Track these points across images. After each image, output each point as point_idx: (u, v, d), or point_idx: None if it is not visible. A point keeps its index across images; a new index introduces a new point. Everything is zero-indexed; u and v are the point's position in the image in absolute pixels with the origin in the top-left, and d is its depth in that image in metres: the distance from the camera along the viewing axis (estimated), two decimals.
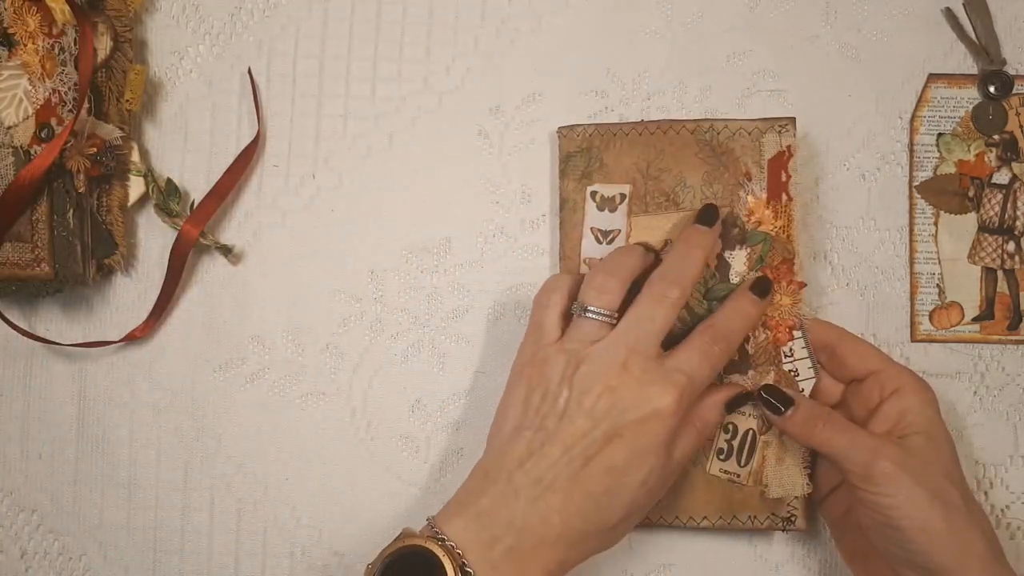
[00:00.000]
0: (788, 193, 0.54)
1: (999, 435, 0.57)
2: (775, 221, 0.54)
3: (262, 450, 0.58)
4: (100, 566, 0.58)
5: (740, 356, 0.54)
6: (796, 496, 0.53)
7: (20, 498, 0.58)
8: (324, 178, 0.59)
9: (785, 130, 0.55)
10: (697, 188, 0.55)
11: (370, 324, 0.58)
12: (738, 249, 0.54)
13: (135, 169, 0.58)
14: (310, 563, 0.58)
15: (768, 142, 0.55)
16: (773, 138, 0.55)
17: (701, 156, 0.56)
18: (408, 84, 0.59)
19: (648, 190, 0.56)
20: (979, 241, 0.57)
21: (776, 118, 0.55)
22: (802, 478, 0.53)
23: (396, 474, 0.58)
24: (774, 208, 0.54)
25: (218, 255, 0.59)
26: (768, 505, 0.54)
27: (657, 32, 0.59)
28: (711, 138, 0.55)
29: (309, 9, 0.60)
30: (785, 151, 0.54)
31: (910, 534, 0.47)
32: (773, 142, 0.55)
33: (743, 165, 0.55)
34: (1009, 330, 0.57)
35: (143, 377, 0.59)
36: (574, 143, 0.57)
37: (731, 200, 0.55)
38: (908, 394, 0.51)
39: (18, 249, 0.54)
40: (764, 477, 0.53)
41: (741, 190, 0.55)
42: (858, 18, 0.59)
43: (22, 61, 0.54)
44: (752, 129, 0.55)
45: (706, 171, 0.55)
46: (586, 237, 0.57)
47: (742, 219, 0.55)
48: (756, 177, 0.55)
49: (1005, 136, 0.58)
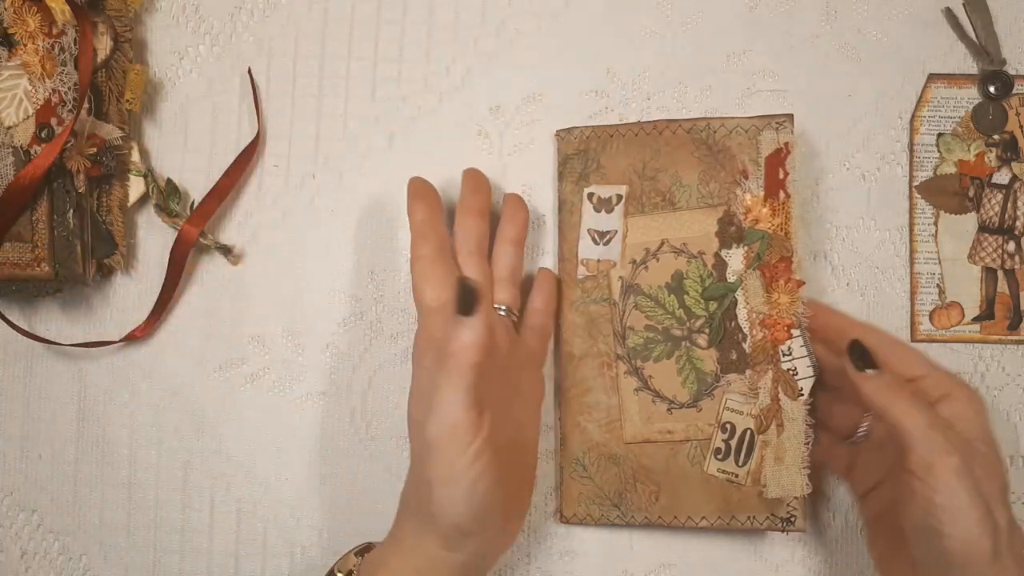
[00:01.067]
0: (786, 190, 0.54)
1: (999, 435, 0.56)
2: (773, 219, 0.54)
3: (262, 450, 0.58)
4: (100, 566, 0.58)
5: (738, 355, 0.53)
6: (795, 496, 0.53)
7: (20, 498, 0.58)
8: (324, 178, 0.59)
9: (782, 127, 0.54)
10: (693, 187, 0.55)
11: (370, 324, 0.58)
12: (735, 247, 0.54)
13: (135, 169, 0.58)
14: (310, 563, 0.58)
15: (765, 139, 0.54)
16: (770, 135, 0.54)
17: (697, 155, 0.55)
18: (408, 84, 0.59)
19: (644, 190, 0.56)
20: (979, 241, 0.57)
21: (773, 115, 0.55)
22: (801, 478, 0.52)
23: (396, 474, 0.58)
24: (771, 206, 0.54)
25: (218, 255, 0.59)
26: (767, 505, 0.53)
27: (657, 32, 0.59)
28: (707, 137, 0.55)
29: (309, 9, 0.60)
30: (783, 148, 0.54)
31: (952, 543, 0.44)
32: (770, 139, 0.54)
33: (740, 163, 0.55)
34: (1009, 330, 0.57)
35: (143, 377, 0.59)
36: (571, 145, 0.57)
37: (728, 198, 0.55)
38: (959, 401, 0.49)
39: (18, 249, 0.54)
40: (762, 477, 0.52)
41: (738, 188, 0.55)
42: (858, 18, 0.59)
43: (22, 61, 0.54)
44: (749, 127, 0.55)
45: (702, 170, 0.55)
46: (583, 239, 0.57)
47: (739, 217, 0.54)
48: (753, 174, 0.54)
49: (1005, 136, 0.58)
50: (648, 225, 0.56)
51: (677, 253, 0.55)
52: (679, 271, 0.55)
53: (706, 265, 0.54)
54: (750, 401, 0.53)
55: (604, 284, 0.56)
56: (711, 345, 0.54)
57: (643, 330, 0.55)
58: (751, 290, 0.53)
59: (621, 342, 0.55)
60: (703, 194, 0.55)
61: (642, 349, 0.55)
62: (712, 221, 0.55)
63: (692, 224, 0.55)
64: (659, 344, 0.55)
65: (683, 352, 0.55)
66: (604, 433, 0.55)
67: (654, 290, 0.55)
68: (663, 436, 0.55)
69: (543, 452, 0.57)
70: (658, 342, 0.55)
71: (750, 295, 0.53)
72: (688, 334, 0.55)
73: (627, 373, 0.55)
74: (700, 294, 0.54)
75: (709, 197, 0.55)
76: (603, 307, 0.56)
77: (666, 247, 0.55)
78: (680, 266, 0.55)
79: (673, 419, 0.55)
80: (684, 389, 0.55)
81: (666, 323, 0.55)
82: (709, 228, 0.55)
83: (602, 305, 0.56)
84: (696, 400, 0.54)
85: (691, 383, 0.55)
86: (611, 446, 0.55)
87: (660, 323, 0.55)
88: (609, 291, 0.56)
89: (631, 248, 0.56)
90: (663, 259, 0.55)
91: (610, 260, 0.56)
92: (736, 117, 0.55)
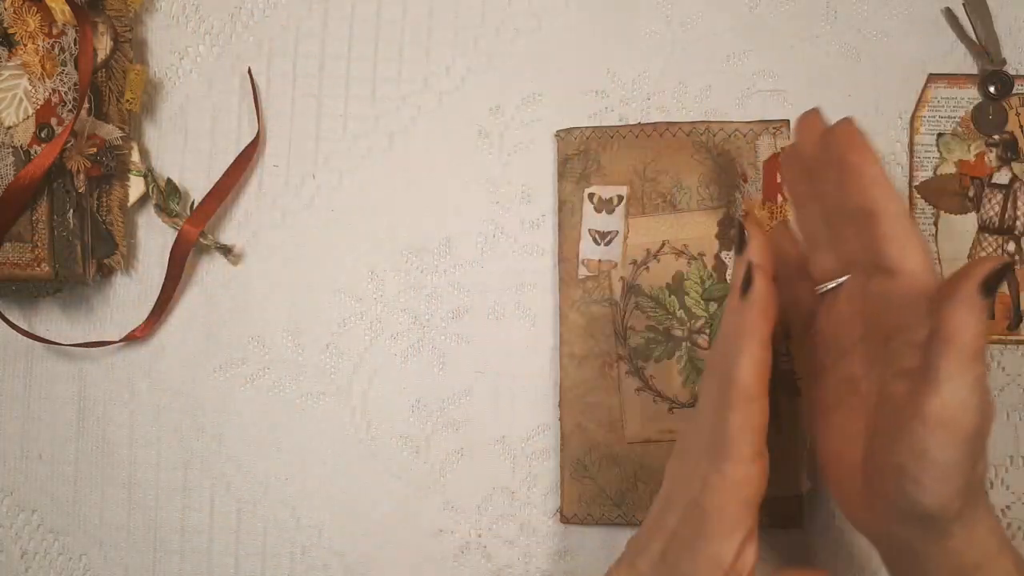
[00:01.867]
0: (783, 194, 0.55)
1: (999, 435, 0.57)
2: (771, 222, 0.55)
3: (262, 450, 0.58)
4: (100, 566, 0.58)
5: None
6: (795, 495, 0.53)
7: (20, 498, 0.58)
8: (324, 178, 0.59)
9: (779, 132, 0.56)
10: (694, 190, 0.56)
11: (370, 324, 0.58)
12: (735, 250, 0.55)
13: (135, 169, 0.58)
14: (310, 563, 0.58)
15: (763, 144, 0.56)
16: (767, 140, 0.56)
17: (697, 158, 0.56)
18: (408, 84, 0.59)
19: (645, 192, 0.56)
20: (979, 241, 0.57)
21: (770, 121, 0.56)
22: (800, 477, 0.52)
23: (396, 474, 0.58)
24: (770, 209, 0.55)
25: (218, 255, 0.59)
26: (766, 504, 0.53)
27: (657, 32, 0.59)
28: (707, 140, 0.56)
29: (309, 9, 0.60)
30: (779, 152, 0.55)
31: (935, 436, 0.37)
32: (768, 144, 0.56)
33: (739, 167, 0.56)
34: (1009, 330, 0.57)
35: (143, 377, 0.59)
36: (572, 146, 0.57)
37: (728, 201, 0.56)
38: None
39: (18, 249, 0.54)
40: None
41: (737, 192, 0.56)
42: (858, 18, 0.59)
43: (22, 61, 0.54)
44: (747, 131, 0.56)
45: (702, 173, 0.56)
46: (584, 238, 0.57)
47: (739, 220, 0.55)
48: (752, 179, 0.56)
49: (1005, 136, 0.58)
50: (649, 226, 0.56)
51: (678, 254, 0.56)
52: (680, 272, 0.56)
53: (706, 267, 0.55)
54: None
55: (605, 284, 0.56)
56: (711, 345, 0.55)
57: (644, 330, 0.56)
58: None
59: (622, 342, 0.56)
60: (703, 196, 0.56)
61: (643, 349, 0.56)
62: (712, 223, 0.56)
63: (693, 226, 0.56)
64: (660, 344, 0.55)
65: (684, 352, 0.55)
66: (606, 433, 0.56)
67: (655, 291, 0.56)
68: (664, 436, 0.55)
69: (542, 451, 0.57)
70: (659, 342, 0.56)
71: None
72: (689, 335, 0.55)
73: (628, 373, 0.56)
74: (701, 295, 0.55)
75: (710, 200, 0.56)
76: (604, 307, 0.56)
77: (667, 248, 0.56)
78: (681, 267, 0.56)
79: (674, 419, 0.55)
80: (685, 389, 0.55)
81: (667, 323, 0.56)
82: (710, 230, 0.56)
83: (603, 305, 0.56)
84: (696, 400, 0.54)
85: (692, 383, 0.55)
86: (612, 446, 0.55)
87: (661, 323, 0.56)
88: (610, 291, 0.56)
89: (632, 249, 0.56)
90: (664, 260, 0.56)
91: (611, 260, 0.56)
92: (734, 121, 0.57)
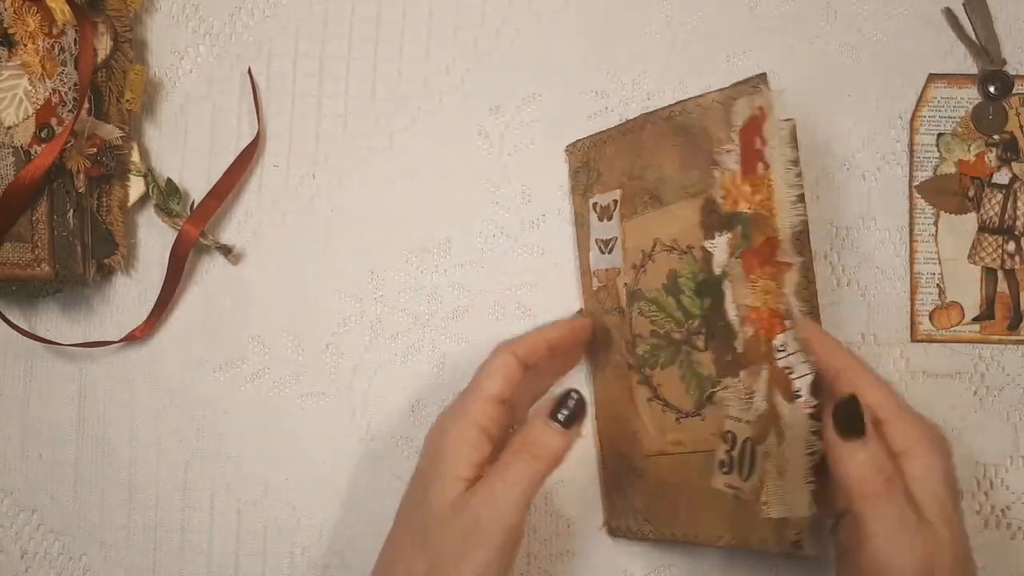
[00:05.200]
0: (764, 161, 0.46)
1: (999, 435, 0.57)
2: (753, 196, 0.47)
3: (262, 450, 0.58)
4: (100, 566, 0.58)
5: (732, 355, 0.48)
6: (801, 517, 0.46)
7: (20, 498, 0.58)
8: (324, 178, 0.59)
9: (756, 90, 0.47)
10: (675, 177, 0.51)
11: (370, 324, 0.58)
12: (718, 236, 0.49)
13: (135, 169, 0.58)
14: (310, 563, 0.58)
15: (739, 109, 0.48)
16: (744, 103, 0.47)
17: (676, 143, 0.51)
18: (408, 84, 0.59)
19: (634, 191, 0.54)
20: (979, 241, 0.57)
21: (746, 80, 0.48)
22: (806, 495, 0.46)
23: (396, 474, 0.58)
24: (751, 182, 0.47)
25: (218, 255, 0.59)
26: (774, 527, 0.47)
27: (657, 32, 0.59)
28: (684, 120, 0.51)
29: (309, 9, 0.60)
30: (757, 113, 0.47)
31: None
32: (744, 107, 0.47)
33: (715, 140, 0.49)
34: (1009, 330, 0.57)
35: (143, 377, 0.59)
36: (577, 158, 0.57)
37: (707, 184, 0.49)
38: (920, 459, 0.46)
39: (18, 249, 0.54)
40: (764, 493, 0.46)
41: (716, 170, 0.48)
42: (858, 18, 0.59)
43: (22, 61, 0.54)
44: (724, 99, 0.49)
45: (681, 157, 0.51)
46: (592, 250, 0.56)
47: (719, 202, 0.48)
48: (730, 149, 0.48)
49: (1005, 136, 0.58)
50: (640, 226, 0.53)
51: (669, 251, 0.52)
52: (673, 270, 0.51)
53: (696, 259, 0.50)
54: (748, 407, 0.48)
55: (613, 293, 0.54)
56: (707, 347, 0.50)
57: (649, 336, 0.53)
58: (735, 280, 0.48)
59: (632, 351, 0.53)
60: (684, 184, 0.51)
61: (649, 357, 0.52)
62: (695, 211, 0.50)
63: (678, 218, 0.51)
64: (663, 350, 0.52)
65: (684, 357, 0.51)
66: (628, 445, 0.54)
67: (654, 293, 0.52)
68: (675, 448, 0.51)
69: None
70: (662, 348, 0.52)
71: (735, 286, 0.48)
72: (687, 336, 0.51)
73: (639, 383, 0.53)
74: (694, 291, 0.50)
75: (690, 186, 0.50)
76: (615, 317, 0.54)
77: (659, 247, 0.52)
78: (673, 264, 0.51)
79: (681, 429, 0.51)
80: (688, 397, 0.51)
81: (667, 327, 0.52)
82: (694, 219, 0.50)
83: (614, 315, 0.54)
84: (699, 408, 0.51)
85: (693, 390, 0.51)
86: (635, 459, 0.53)
87: (662, 327, 0.52)
88: (618, 299, 0.54)
89: (630, 252, 0.54)
90: (658, 259, 0.52)
91: (615, 268, 0.54)
92: (710, 92, 0.50)
